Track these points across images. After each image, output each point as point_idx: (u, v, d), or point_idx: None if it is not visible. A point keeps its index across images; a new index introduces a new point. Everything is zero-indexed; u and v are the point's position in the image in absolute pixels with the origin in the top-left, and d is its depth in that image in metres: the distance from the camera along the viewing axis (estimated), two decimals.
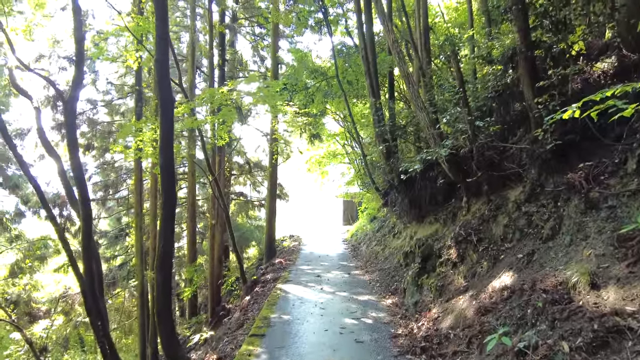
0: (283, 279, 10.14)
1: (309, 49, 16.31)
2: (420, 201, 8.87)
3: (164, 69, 7.49)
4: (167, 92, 7.45)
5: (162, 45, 7.54)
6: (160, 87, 7.46)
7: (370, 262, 11.73)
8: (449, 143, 6.53)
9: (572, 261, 4.37)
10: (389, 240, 11.85)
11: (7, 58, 14.64)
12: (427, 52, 10.26)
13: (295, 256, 14.05)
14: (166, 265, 7.36)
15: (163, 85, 7.44)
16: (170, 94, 7.51)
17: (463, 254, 6.57)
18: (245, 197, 24.69)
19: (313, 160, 24.55)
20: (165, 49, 7.56)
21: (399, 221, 11.42)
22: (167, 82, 7.47)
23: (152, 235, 14.41)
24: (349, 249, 16.06)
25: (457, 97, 6.77)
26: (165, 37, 7.58)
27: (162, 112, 7.48)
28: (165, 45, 7.57)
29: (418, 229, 9.41)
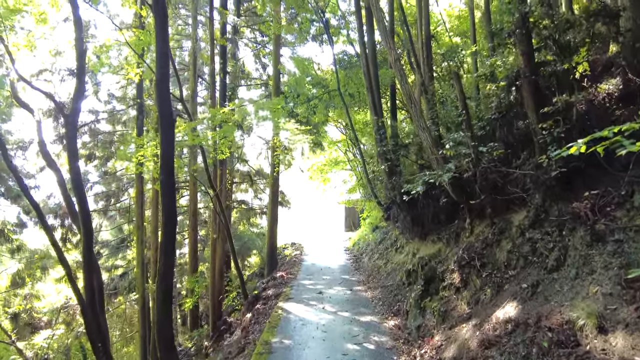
0: (284, 295, 10.07)
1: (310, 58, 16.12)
2: (423, 219, 8.79)
3: (165, 90, 7.44)
4: (168, 113, 7.39)
5: (163, 65, 7.49)
6: (161, 108, 7.40)
7: (372, 276, 11.64)
8: (452, 166, 6.44)
9: (578, 297, 4.29)
10: (391, 255, 11.76)
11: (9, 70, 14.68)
12: (430, 67, 10.21)
13: (297, 269, 13.97)
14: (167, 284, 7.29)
15: (164, 106, 7.38)
16: (171, 114, 7.46)
17: (466, 279, 6.48)
18: (247, 205, 24.63)
19: (315, 168, 24.48)
20: (165, 69, 7.51)
21: (401, 235, 11.34)
22: (168, 103, 7.41)
23: (153, 247, 14.37)
24: (350, 259, 15.97)
25: (460, 119, 6.69)
26: (166, 55, 7.52)
27: (163, 132, 7.43)
28: (166, 64, 7.52)
29: (421, 246, 9.32)
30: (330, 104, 14.80)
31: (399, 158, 9.19)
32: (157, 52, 7.45)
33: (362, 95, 13.03)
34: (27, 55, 12.15)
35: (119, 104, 18.31)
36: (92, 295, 10.63)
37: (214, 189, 10.42)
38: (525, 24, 5.83)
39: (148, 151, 10.34)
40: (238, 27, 16.26)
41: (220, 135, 9.21)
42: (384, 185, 10.23)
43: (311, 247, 20.77)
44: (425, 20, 10.57)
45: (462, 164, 6.45)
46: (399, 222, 10.08)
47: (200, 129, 10.14)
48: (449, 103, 8.66)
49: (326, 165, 24.83)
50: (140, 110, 13.47)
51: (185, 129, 8.73)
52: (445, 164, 6.92)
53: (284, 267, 15.02)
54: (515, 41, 6.08)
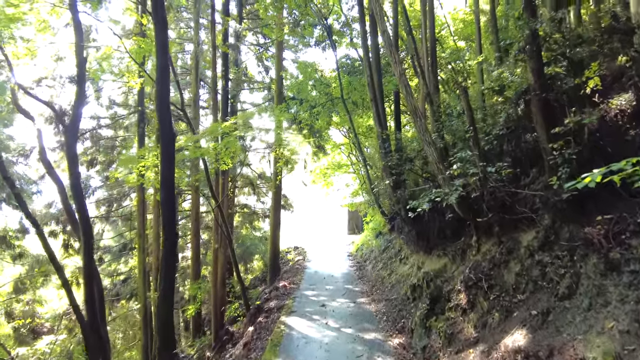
0: (287, 308, 9.93)
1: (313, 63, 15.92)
2: (429, 233, 8.63)
3: (165, 107, 7.31)
4: (168, 129, 7.26)
5: (163, 80, 7.36)
6: (161, 124, 7.29)
7: (376, 287, 11.48)
8: (459, 185, 6.27)
9: (592, 331, 4.12)
10: (395, 265, 11.60)
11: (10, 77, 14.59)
12: (435, 74, 10.02)
13: (300, 277, 13.83)
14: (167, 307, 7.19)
15: (164, 122, 7.26)
16: (172, 130, 7.33)
17: (473, 301, 6.32)
18: (249, 209, 24.51)
19: (318, 172, 24.34)
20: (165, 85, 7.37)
21: (405, 246, 11.17)
22: (168, 119, 7.28)
23: (155, 254, 14.28)
24: (354, 267, 15.83)
25: (467, 135, 6.52)
26: (166, 69, 7.39)
27: (163, 147, 7.31)
28: (166, 80, 7.38)
29: (426, 260, 9.16)
30: (334, 110, 14.65)
31: (404, 172, 9.01)
32: (157, 68, 7.33)
33: (365, 102, 12.87)
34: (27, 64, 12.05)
35: (121, 109, 18.21)
36: (93, 305, 10.55)
37: (216, 200, 10.28)
38: (535, 40, 5.65)
39: (149, 161, 10.22)
40: (240, 33, 16.06)
41: (222, 147, 9.08)
42: (387, 196, 10.05)
43: (314, 252, 20.67)
44: (430, 24, 10.38)
45: (470, 183, 6.27)
46: (403, 234, 9.93)
47: (203, 143, 10.01)
48: (455, 115, 8.47)
49: (329, 168, 24.66)
50: (141, 117, 13.36)
51: (186, 141, 8.59)
52: (451, 180, 6.75)
53: (287, 274, 14.89)
54: (525, 58, 5.89)
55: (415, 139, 9.55)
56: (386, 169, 9.01)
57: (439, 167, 7.11)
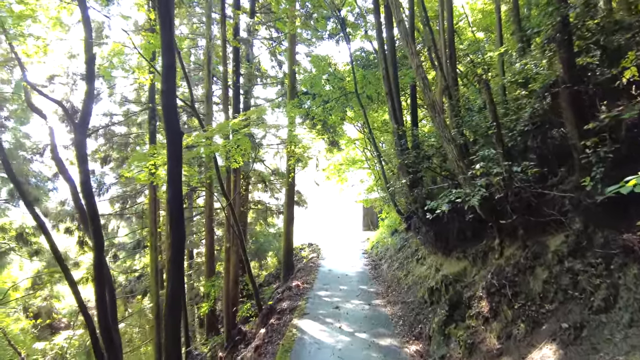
0: (299, 310, 9.67)
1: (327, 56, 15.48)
2: (448, 235, 8.21)
3: (171, 104, 7.05)
4: (175, 127, 7.00)
5: (169, 77, 7.10)
6: (167, 122, 7.02)
7: (392, 288, 11.13)
8: (481, 186, 5.85)
9: (636, 352, 3.70)
10: (411, 266, 11.21)
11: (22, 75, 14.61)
12: (453, 66, 9.53)
13: (314, 276, 13.55)
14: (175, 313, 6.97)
15: (170, 120, 6.99)
16: (178, 128, 7.06)
17: (496, 309, 5.91)
18: (263, 205, 24.34)
19: (332, 167, 23.99)
20: (172, 82, 7.10)
21: (422, 246, 10.77)
22: (174, 117, 7.02)
23: (167, 253, 14.19)
24: (369, 265, 15.47)
25: (490, 131, 6.08)
26: (172, 67, 7.11)
27: (170, 145, 7.06)
28: (172, 77, 7.11)
29: (444, 262, 8.75)
30: (348, 105, 14.25)
31: (421, 170, 8.59)
32: (163, 66, 7.07)
33: (380, 96, 12.44)
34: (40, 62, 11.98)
35: (134, 106, 18.14)
36: (104, 306, 10.45)
37: (227, 198, 10.04)
38: (566, 27, 5.17)
39: (159, 159, 10.03)
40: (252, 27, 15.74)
41: (233, 145, 8.81)
42: (403, 194, 9.64)
43: (328, 249, 20.37)
44: (447, 14, 9.88)
45: (493, 183, 5.84)
46: (420, 234, 9.53)
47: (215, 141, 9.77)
48: (475, 110, 8.01)
49: (343, 164, 24.29)
50: (152, 115, 13.22)
51: (197, 138, 8.33)
52: (472, 179, 6.33)
53: (300, 273, 14.63)
54: (554, 47, 5.42)
55: (432, 135, 9.11)
56: (402, 167, 8.60)
57: (459, 166, 6.70)
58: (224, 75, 13.14)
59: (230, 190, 12.04)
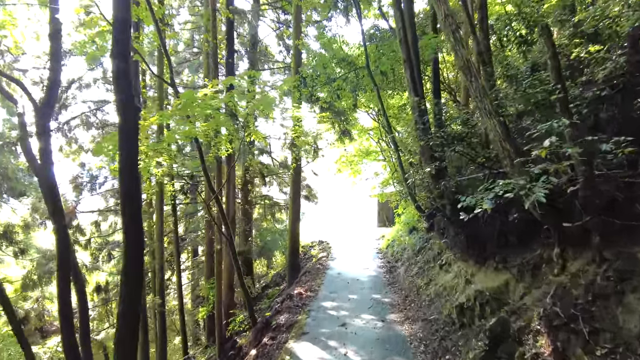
0: (298, 328, 8.02)
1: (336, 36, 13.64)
2: (484, 238, 6.44)
3: (123, 64, 5.44)
4: (127, 95, 5.41)
5: (122, 33, 5.50)
6: (118, 89, 5.44)
7: (410, 299, 9.40)
8: (539, 171, 4.07)
9: None
10: (434, 273, 9.45)
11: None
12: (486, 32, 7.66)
13: (320, 281, 11.90)
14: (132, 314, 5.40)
15: (121, 86, 5.41)
16: (131, 97, 5.47)
17: (564, 352, 4.14)
18: (270, 199, 22.80)
19: (344, 159, 22.27)
20: (125, 40, 5.51)
21: (448, 250, 8.98)
22: (126, 82, 5.42)
23: (158, 256, 12.73)
24: (383, 267, 13.75)
25: (553, 96, 4.29)
26: (126, 20, 5.51)
27: (122, 121, 5.50)
28: (125, 33, 5.51)
29: (477, 272, 6.96)
30: (359, 86, 12.46)
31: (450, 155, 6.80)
32: (114, 18, 5.51)
33: (396, 73, 10.64)
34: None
35: None
36: (69, 318, 9.10)
37: (213, 191, 8.44)
38: None
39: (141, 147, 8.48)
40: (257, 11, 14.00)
41: (212, 128, 7.18)
42: (425, 187, 7.86)
43: (339, 247, 18.72)
44: None
45: (560, 169, 4.05)
46: (446, 236, 7.75)
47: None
48: (519, 78, 6.16)
49: (356, 155, 22.55)
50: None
51: (157, 120, 6.70)
52: (524, 166, 4.55)
53: (306, 277, 13.01)
54: None
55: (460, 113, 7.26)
56: (425, 152, 6.81)
57: (505, 148, 4.91)
58: (213, 50, 11.46)
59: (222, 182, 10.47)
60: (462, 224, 6.47)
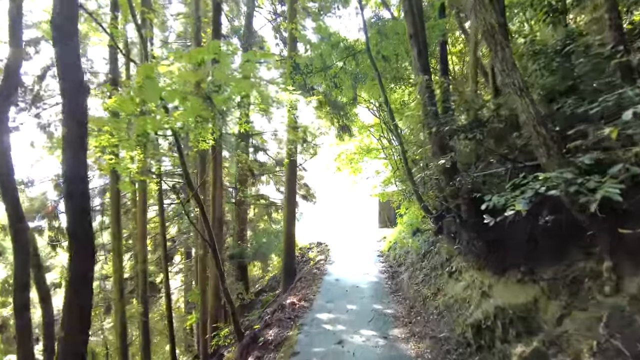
0: (288, 346, 6.98)
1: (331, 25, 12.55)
2: (507, 245, 5.39)
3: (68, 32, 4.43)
4: (72, 70, 4.41)
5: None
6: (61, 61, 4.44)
7: (416, 310, 8.38)
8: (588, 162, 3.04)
9: None
10: (442, 281, 8.41)
11: None
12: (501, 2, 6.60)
13: (316, 288, 10.88)
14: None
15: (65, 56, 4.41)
16: (76, 70, 4.47)
17: None
18: (267, 199, 21.74)
19: (343, 157, 21.24)
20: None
21: (459, 256, 7.94)
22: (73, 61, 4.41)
23: (141, 259, 11.70)
24: (385, 272, 12.72)
25: (614, 61, 3.25)
26: None
27: (66, 102, 4.50)
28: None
29: (496, 284, 5.93)
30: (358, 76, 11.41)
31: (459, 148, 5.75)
32: None
33: (400, 58, 9.60)
34: None
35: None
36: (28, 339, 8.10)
37: (191, 188, 7.40)
38: None
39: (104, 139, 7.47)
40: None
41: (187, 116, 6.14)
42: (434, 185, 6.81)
43: (339, 250, 17.70)
44: None
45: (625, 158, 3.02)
46: (460, 242, 6.70)
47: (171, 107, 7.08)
48: (549, 53, 5.11)
49: (356, 153, 21.55)
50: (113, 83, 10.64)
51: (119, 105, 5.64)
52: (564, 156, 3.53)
53: (301, 283, 11.99)
54: None
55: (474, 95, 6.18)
56: (435, 141, 5.74)
57: (540, 133, 3.87)
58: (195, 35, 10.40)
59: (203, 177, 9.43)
60: (480, 227, 5.44)
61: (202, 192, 12.07)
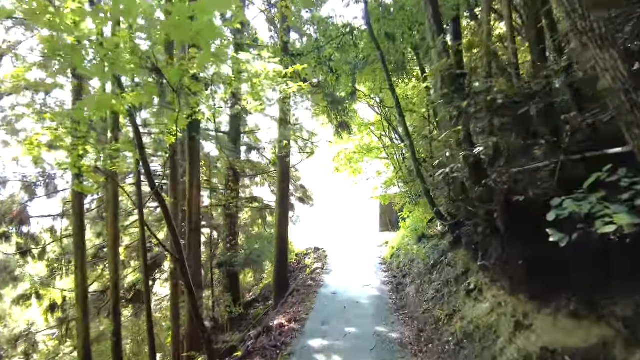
0: None
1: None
2: (558, 264, 4.00)
3: None
4: None
5: None
6: None
7: (427, 336, 6.99)
8: None
9: None
10: (458, 299, 7.03)
11: None
12: None
13: (310, 304, 9.51)
14: None
15: None
16: None
17: None
18: (261, 202, 20.33)
19: (342, 157, 19.94)
20: None
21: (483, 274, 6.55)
22: None
23: (112, 269, 10.30)
24: (388, 284, 11.34)
25: None
26: None
27: None
28: None
29: (537, 314, 4.54)
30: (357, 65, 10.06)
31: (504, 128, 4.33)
32: None
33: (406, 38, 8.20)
34: None
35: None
36: None
37: (153, 185, 6.02)
38: None
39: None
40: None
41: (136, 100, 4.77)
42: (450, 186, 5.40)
43: (337, 256, 16.34)
44: None
45: None
46: (487, 256, 5.30)
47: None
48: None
49: (356, 152, 20.25)
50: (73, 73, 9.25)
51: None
52: None
53: (293, 297, 10.63)
54: None
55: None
56: (467, 118, 4.24)
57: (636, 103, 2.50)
58: None
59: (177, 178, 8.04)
60: (520, 241, 4.06)
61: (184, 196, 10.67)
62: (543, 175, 3.89)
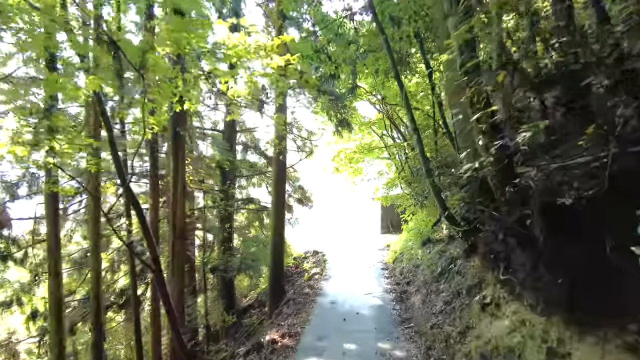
0: None
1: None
2: (609, 283, 3.20)
3: None
4: None
5: None
6: None
7: (436, 355, 6.21)
8: None
9: None
10: (473, 315, 6.23)
11: None
12: None
13: (306, 316, 8.73)
14: None
15: None
16: None
17: None
18: (257, 203, 19.54)
19: (342, 157, 19.17)
20: None
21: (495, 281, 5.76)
22: None
23: (93, 276, 9.52)
24: (392, 292, 10.55)
25: None
26: None
27: None
28: None
29: (576, 342, 3.72)
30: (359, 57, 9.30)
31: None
32: None
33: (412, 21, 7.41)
34: None
35: None
36: None
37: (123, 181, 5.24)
38: None
39: None
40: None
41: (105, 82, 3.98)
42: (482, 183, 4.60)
43: (336, 260, 15.61)
44: None
45: None
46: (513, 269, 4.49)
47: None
48: None
49: (357, 152, 19.51)
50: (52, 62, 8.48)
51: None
52: None
53: (289, 307, 9.86)
54: None
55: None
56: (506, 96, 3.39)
57: None
58: None
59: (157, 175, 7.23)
60: (560, 254, 3.27)
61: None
62: (589, 171, 3.11)
